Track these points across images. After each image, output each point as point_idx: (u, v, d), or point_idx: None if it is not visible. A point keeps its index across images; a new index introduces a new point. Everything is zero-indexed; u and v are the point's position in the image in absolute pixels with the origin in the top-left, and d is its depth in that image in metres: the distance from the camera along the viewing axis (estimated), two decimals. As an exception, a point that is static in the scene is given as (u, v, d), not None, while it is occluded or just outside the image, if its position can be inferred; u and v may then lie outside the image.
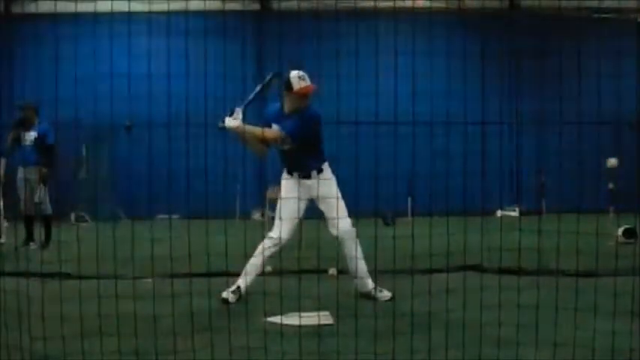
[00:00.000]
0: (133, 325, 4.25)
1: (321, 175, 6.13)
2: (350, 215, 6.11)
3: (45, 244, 10.24)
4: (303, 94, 6.08)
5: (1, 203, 11.40)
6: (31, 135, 10.50)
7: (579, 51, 5.05)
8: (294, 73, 6.10)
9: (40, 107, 10.68)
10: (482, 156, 6.98)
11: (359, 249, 6.12)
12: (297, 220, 6.11)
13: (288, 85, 6.08)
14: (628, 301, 4.79)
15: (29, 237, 10.48)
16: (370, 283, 6.22)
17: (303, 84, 6.07)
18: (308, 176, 6.15)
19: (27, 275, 5.69)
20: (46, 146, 10.45)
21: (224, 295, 5.99)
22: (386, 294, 6.17)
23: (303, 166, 6.17)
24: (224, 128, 5.95)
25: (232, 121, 5.95)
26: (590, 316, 4.31)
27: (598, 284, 4.73)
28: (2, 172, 11.19)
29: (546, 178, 16.62)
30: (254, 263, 6.07)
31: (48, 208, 10.56)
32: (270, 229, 6.21)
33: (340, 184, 6.37)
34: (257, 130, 6.11)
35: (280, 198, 6.19)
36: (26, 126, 10.53)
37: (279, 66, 6.30)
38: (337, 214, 6.00)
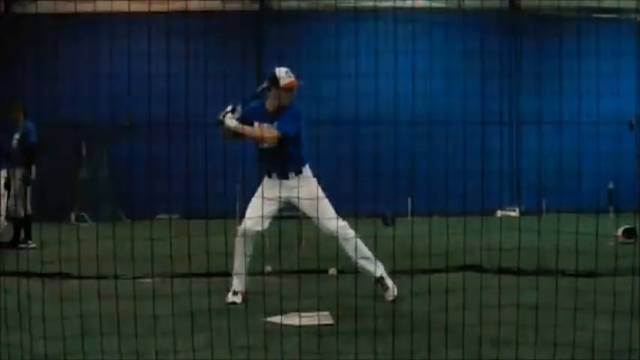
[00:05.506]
0: (133, 325, 4.25)
1: (300, 177, 6.05)
2: (350, 215, 6.08)
3: (18, 243, 10.15)
4: (289, 89, 6.10)
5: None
6: (16, 135, 10.51)
7: (579, 51, 5.05)
8: (280, 69, 6.14)
9: (28, 107, 10.70)
10: (482, 156, 6.97)
11: (359, 242, 5.93)
12: (268, 218, 6.00)
13: (274, 80, 6.09)
14: (627, 301, 4.79)
15: (26, 236, 10.48)
16: (376, 271, 5.97)
17: (289, 79, 6.10)
18: (286, 177, 6.08)
19: (27, 275, 5.69)
20: (27, 146, 10.44)
21: (229, 299, 5.98)
22: (390, 294, 5.99)
23: (282, 167, 6.10)
24: (222, 123, 5.95)
25: (233, 121, 5.96)
26: (590, 316, 4.31)
27: (598, 284, 4.73)
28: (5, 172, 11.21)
29: (546, 178, 16.60)
30: (238, 264, 6.01)
31: (28, 209, 10.57)
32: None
33: (340, 183, 6.35)
34: (256, 130, 6.08)
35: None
36: (14, 126, 10.55)
37: (278, 66, 6.30)
38: (318, 213, 5.84)
